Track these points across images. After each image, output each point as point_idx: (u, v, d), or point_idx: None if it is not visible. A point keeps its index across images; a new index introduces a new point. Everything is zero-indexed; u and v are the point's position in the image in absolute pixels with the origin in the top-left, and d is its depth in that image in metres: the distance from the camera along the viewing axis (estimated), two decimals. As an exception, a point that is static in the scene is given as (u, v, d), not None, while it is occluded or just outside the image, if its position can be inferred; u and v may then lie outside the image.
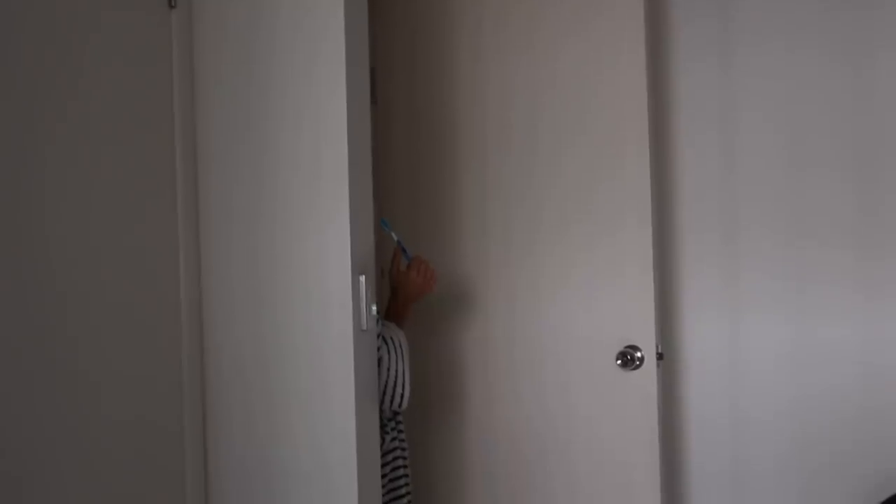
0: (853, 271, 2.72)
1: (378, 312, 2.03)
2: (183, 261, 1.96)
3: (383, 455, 2.23)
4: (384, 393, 2.17)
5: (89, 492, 1.68)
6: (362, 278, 1.92)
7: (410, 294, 2.35)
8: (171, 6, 1.95)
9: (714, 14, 2.83)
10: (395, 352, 2.18)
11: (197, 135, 2.00)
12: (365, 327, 1.94)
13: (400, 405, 2.20)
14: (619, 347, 2.55)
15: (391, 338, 2.19)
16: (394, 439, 2.29)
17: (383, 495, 2.20)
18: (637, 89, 2.55)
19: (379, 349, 2.12)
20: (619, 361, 2.54)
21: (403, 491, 2.31)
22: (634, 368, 2.53)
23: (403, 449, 2.33)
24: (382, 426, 2.23)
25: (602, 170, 2.59)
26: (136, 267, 1.83)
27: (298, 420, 1.94)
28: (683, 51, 2.86)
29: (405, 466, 2.34)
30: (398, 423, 2.32)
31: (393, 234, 2.42)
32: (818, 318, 2.76)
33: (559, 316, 2.64)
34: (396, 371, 2.17)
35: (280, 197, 1.94)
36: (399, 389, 2.18)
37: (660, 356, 2.57)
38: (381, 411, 2.19)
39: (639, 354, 2.53)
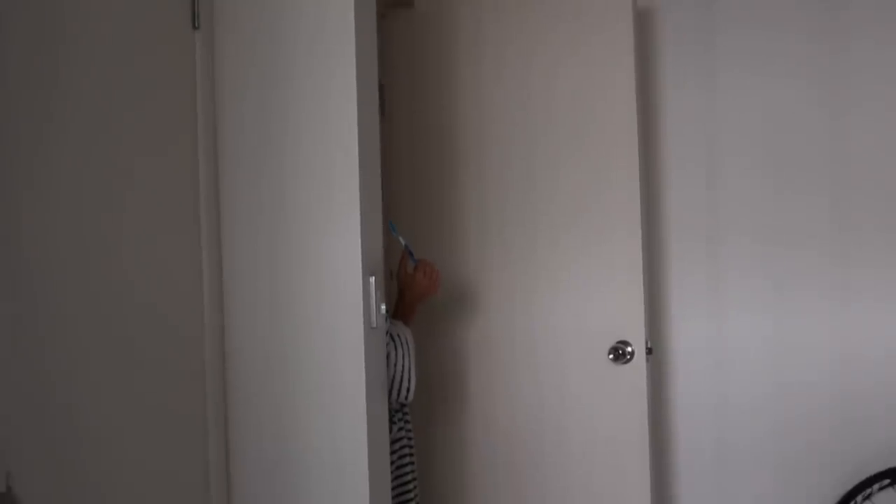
0: (826, 274, 2.88)
1: (387, 311, 2.08)
2: (206, 265, 2.01)
3: (391, 444, 2.30)
4: (392, 386, 2.24)
5: (115, 488, 1.70)
6: (372, 279, 1.97)
7: (416, 295, 2.41)
8: (195, 27, 2.00)
9: (699, 40, 2.97)
10: (402, 348, 2.26)
11: (219, 148, 2.04)
12: (374, 325, 1.98)
13: (406, 397, 2.28)
14: (611, 342, 2.64)
15: (398, 335, 2.27)
16: (401, 429, 2.37)
17: (392, 481, 2.26)
18: (627, 109, 2.65)
19: (387, 345, 2.19)
20: (611, 356, 2.64)
21: (409, 477, 2.39)
22: (625, 362, 2.63)
23: (410, 438, 2.40)
24: (390, 417, 2.28)
25: (595, 182, 2.68)
26: (161, 271, 1.87)
27: (314, 413, 1.98)
28: (670, 74, 2.99)
29: (411, 455, 2.41)
30: (405, 413, 2.39)
31: (400, 238, 2.47)
32: (794, 316, 2.91)
33: (555, 314, 2.73)
34: (403, 365, 2.25)
35: (297, 204, 1.99)
36: (405, 383, 2.25)
37: (649, 350, 2.67)
38: (389, 403, 2.24)
39: (629, 349, 2.63)
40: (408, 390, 2.29)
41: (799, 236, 2.92)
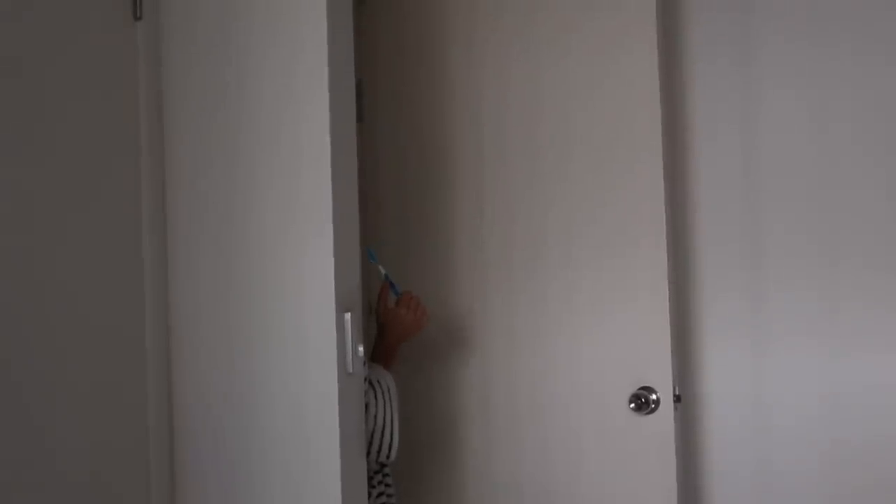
0: (895, 294, 2.65)
1: (364, 353, 1.99)
2: (149, 303, 1.93)
3: (371, 512, 2.17)
4: (370, 443, 2.12)
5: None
6: (348, 315, 1.88)
7: (400, 333, 2.31)
8: (137, 18, 1.94)
9: (733, 5, 2.78)
10: (383, 397, 2.14)
11: (165, 157, 1.98)
12: (351, 370, 1.89)
13: (388, 456, 2.15)
14: (633, 389, 2.51)
15: (378, 381, 2.14)
16: (381, 494, 2.24)
17: (371, 559, 2.14)
18: (648, 91, 2.52)
19: (365, 394, 2.07)
20: (632, 405, 2.50)
21: (393, 553, 2.25)
22: (649, 412, 2.49)
23: (391, 496, 2.28)
24: (368, 480, 2.18)
25: (610, 181, 2.56)
26: (95, 310, 1.80)
27: (278, 481, 1.89)
28: (699, 46, 2.80)
29: (395, 524, 2.27)
30: (385, 475, 2.26)
31: (380, 268, 2.38)
32: (858, 350, 2.66)
33: (565, 353, 2.60)
34: (384, 419, 2.13)
35: (255, 226, 1.91)
36: (387, 439, 2.13)
37: (677, 398, 2.52)
38: (367, 463, 2.13)
39: (654, 396, 2.48)
40: (390, 447, 2.16)
41: (860, 243, 2.67)
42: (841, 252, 2.69)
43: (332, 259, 1.86)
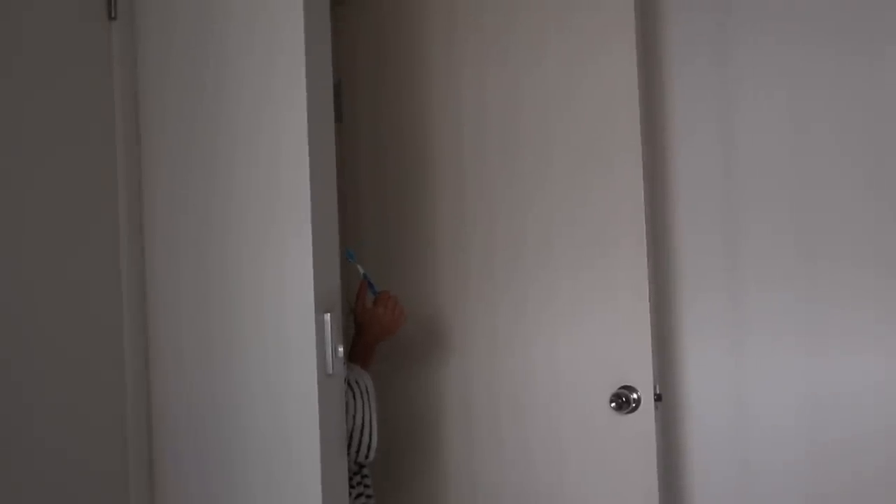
0: (874, 292, 2.61)
1: (343, 354, 1.96)
2: (126, 303, 1.90)
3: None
4: (350, 444, 2.10)
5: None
6: (327, 316, 1.86)
7: (377, 333, 2.29)
8: (111, 17, 1.92)
9: (712, 5, 2.76)
10: (362, 397, 2.12)
11: (142, 159, 1.95)
12: (331, 371, 1.86)
13: (367, 456, 2.13)
14: (614, 388, 2.48)
15: (357, 381, 2.13)
16: (360, 495, 2.21)
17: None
18: (627, 89, 2.50)
19: (344, 394, 2.05)
20: (613, 404, 2.47)
21: (372, 556, 2.22)
22: (630, 411, 2.47)
23: (369, 497, 2.26)
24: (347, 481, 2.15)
25: (590, 180, 2.54)
26: (71, 311, 1.77)
27: (259, 479, 1.87)
28: (678, 46, 2.78)
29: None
30: (364, 476, 2.24)
31: (359, 267, 2.36)
32: (837, 348, 2.64)
33: (546, 353, 2.58)
34: (363, 419, 2.11)
35: (234, 227, 1.89)
36: (366, 439, 2.12)
37: (658, 397, 2.49)
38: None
39: (635, 395, 2.46)
40: (368, 447, 2.14)
41: (839, 240, 2.65)
42: (820, 251, 2.67)
43: (311, 259, 1.84)
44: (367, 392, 2.14)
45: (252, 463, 1.87)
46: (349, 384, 2.11)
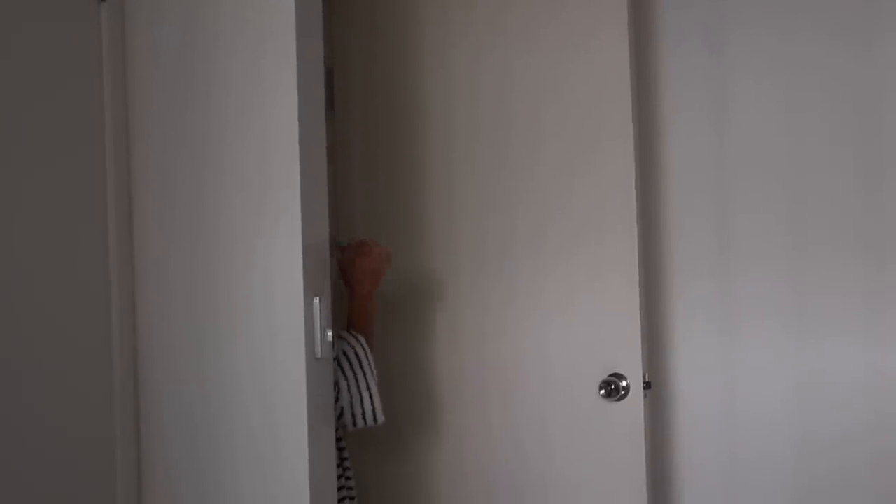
0: (864, 280, 2.65)
1: (334, 337, 1.97)
2: (115, 287, 1.90)
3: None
4: (352, 414, 2.11)
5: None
6: (317, 300, 1.87)
7: (368, 284, 2.23)
8: (101, 0, 1.90)
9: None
10: (351, 368, 2.11)
11: (131, 144, 1.95)
12: (320, 355, 1.88)
13: (374, 420, 2.13)
14: (603, 376, 2.50)
15: (344, 353, 2.12)
16: (341, 488, 2.18)
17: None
18: (619, 77, 2.51)
19: (333, 373, 2.04)
20: (602, 391, 2.49)
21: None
22: (619, 399, 2.49)
23: (350, 489, 2.23)
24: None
25: (581, 167, 2.55)
26: (62, 301, 1.77)
27: (247, 462, 1.88)
28: (670, 36, 2.80)
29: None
30: (348, 478, 2.21)
31: (338, 241, 2.33)
32: (826, 335, 2.67)
33: (536, 340, 2.59)
34: (358, 388, 2.11)
35: (224, 212, 1.90)
36: (367, 405, 2.12)
37: (647, 385, 2.52)
38: (344, 430, 2.13)
39: (624, 383, 2.48)
40: (372, 412, 2.13)
41: (828, 229, 2.68)
42: (810, 238, 2.70)
43: (301, 244, 1.84)
44: (360, 360, 2.12)
45: (240, 447, 1.88)
46: (339, 362, 2.10)
